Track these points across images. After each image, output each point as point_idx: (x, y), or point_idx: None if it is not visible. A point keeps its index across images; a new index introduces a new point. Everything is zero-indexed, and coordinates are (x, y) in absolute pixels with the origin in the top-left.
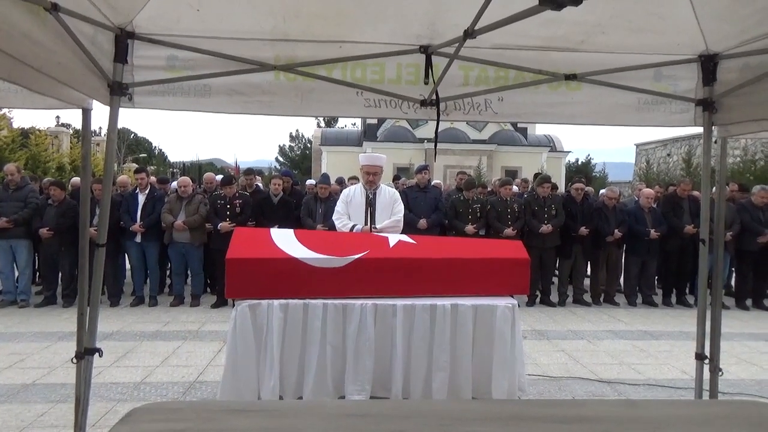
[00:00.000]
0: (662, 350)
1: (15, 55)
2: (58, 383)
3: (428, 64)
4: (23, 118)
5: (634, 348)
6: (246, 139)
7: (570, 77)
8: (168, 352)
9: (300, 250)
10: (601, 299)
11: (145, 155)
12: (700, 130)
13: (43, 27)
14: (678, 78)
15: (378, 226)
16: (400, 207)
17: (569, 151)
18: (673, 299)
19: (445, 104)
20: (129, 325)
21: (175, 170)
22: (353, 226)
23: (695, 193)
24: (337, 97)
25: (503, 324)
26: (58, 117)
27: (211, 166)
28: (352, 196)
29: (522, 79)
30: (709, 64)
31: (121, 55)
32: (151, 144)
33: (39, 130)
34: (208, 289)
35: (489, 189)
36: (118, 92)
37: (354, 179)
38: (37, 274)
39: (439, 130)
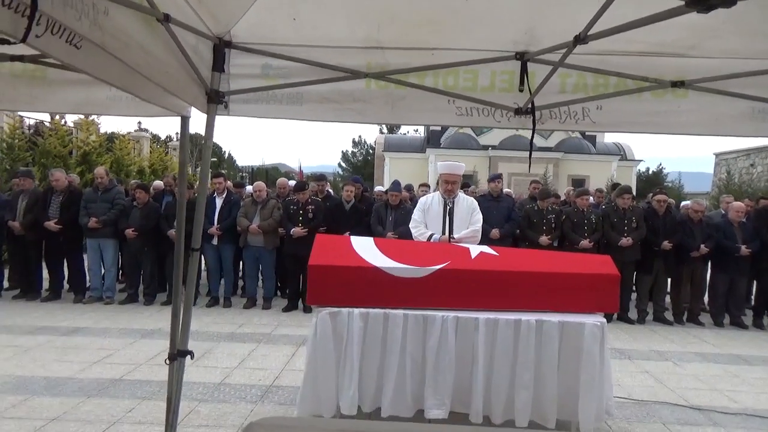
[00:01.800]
0: (757, 377)
1: (130, 64)
2: (143, 380)
3: (524, 71)
4: (108, 124)
5: (726, 373)
6: (309, 144)
7: (677, 84)
8: (244, 354)
9: (381, 259)
10: (684, 318)
11: (215, 159)
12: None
13: (155, 37)
14: None
15: (456, 236)
16: (479, 216)
17: (641, 160)
18: (766, 321)
19: (540, 113)
20: (206, 325)
21: (243, 174)
22: (431, 236)
23: None
24: (428, 105)
25: (592, 342)
26: (139, 122)
27: (276, 170)
28: (430, 204)
29: (624, 86)
30: None
31: (218, 63)
32: (221, 149)
33: (123, 135)
34: (278, 293)
35: (561, 198)
36: (215, 100)
37: (424, 186)
38: (120, 272)
39: (505, 137)
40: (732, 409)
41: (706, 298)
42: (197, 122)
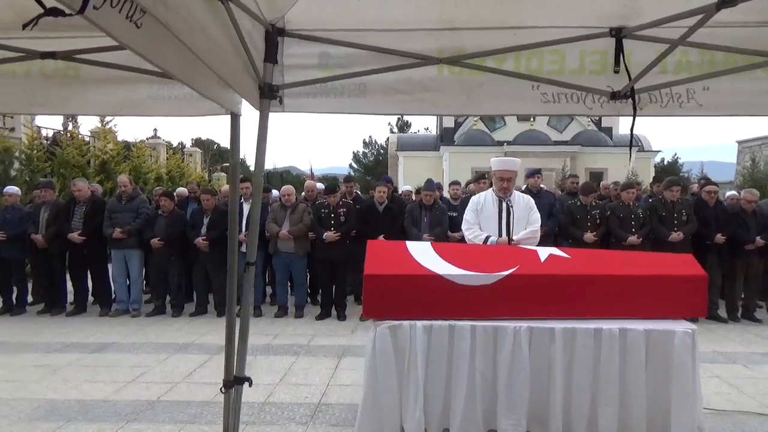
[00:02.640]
0: None
1: (192, 47)
2: (182, 401)
3: (619, 49)
4: (125, 131)
5: None
6: (319, 147)
7: None
8: (284, 369)
9: (442, 265)
10: (739, 314)
11: (227, 164)
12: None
13: (215, 19)
14: None
15: (515, 237)
16: (537, 215)
17: (659, 151)
18: None
19: (638, 97)
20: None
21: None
22: (487, 238)
23: None
24: (509, 92)
25: (683, 352)
26: (155, 129)
27: (288, 174)
28: (483, 204)
29: (733, 63)
30: None
31: (271, 53)
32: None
33: (139, 142)
34: (309, 299)
35: (598, 192)
36: (268, 95)
37: (455, 185)
38: (144, 283)
39: (519, 132)
40: None
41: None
42: (219, 124)
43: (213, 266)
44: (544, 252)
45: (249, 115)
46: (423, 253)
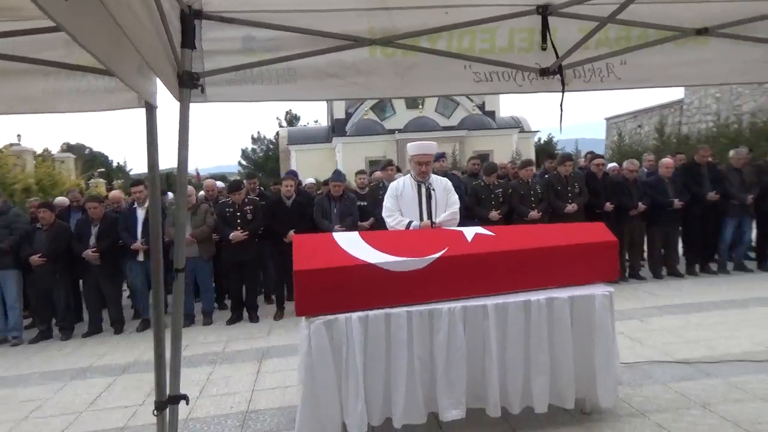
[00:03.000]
0: (715, 321)
1: (124, 26)
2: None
3: (545, 26)
4: None
5: (688, 323)
6: (203, 146)
7: (701, 32)
8: (202, 380)
9: (373, 254)
10: (626, 274)
11: (103, 170)
12: (671, 99)
13: None
14: None
15: (437, 220)
16: (456, 197)
17: (537, 131)
18: (697, 269)
19: (565, 73)
20: (145, 352)
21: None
22: (409, 223)
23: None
24: (442, 72)
25: (603, 314)
26: (19, 135)
27: (172, 176)
28: (402, 189)
29: (646, 38)
30: None
31: (188, 38)
32: (107, 158)
33: (1, 150)
34: (216, 305)
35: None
36: (188, 83)
37: (361, 173)
38: (23, 307)
39: (409, 120)
40: (714, 357)
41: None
42: (90, 126)
43: (106, 280)
44: (469, 232)
45: (137, 111)
46: (352, 243)
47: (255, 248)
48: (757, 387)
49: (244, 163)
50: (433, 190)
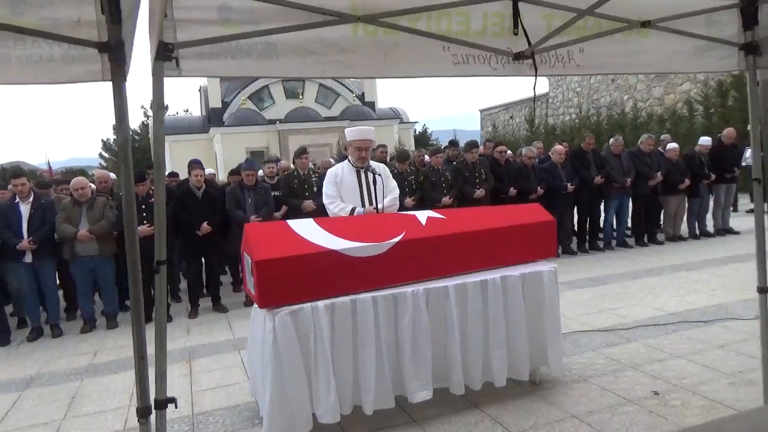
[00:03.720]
0: (617, 293)
1: None
2: None
3: (516, 12)
4: None
5: (595, 295)
6: (57, 136)
7: (645, 24)
8: (129, 387)
9: (334, 240)
10: None
11: None
12: (540, 92)
13: None
14: (723, 23)
15: (380, 205)
16: (394, 183)
17: (416, 122)
18: (587, 246)
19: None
20: (46, 365)
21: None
22: (353, 209)
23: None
24: (423, 53)
25: (550, 288)
26: None
27: (18, 169)
28: (342, 176)
29: (599, 28)
30: (749, 9)
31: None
32: None
33: None
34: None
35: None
36: (162, 56)
37: (271, 162)
38: None
39: (290, 110)
40: (627, 324)
41: None
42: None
43: None
44: (422, 215)
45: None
46: (309, 230)
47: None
48: (671, 346)
49: (106, 155)
50: (379, 175)
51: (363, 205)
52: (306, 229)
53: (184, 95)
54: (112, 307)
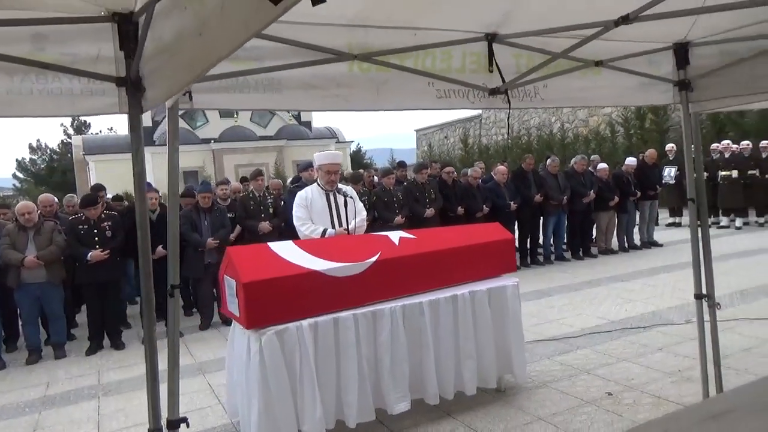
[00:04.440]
0: (564, 304)
1: None
2: None
3: (491, 52)
4: None
5: (544, 306)
6: None
7: (598, 63)
8: (92, 417)
9: (315, 261)
10: None
11: None
12: (472, 113)
13: None
14: (661, 63)
15: (350, 226)
16: (361, 204)
17: (351, 141)
18: (528, 260)
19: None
20: None
21: None
22: (324, 230)
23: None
24: (411, 88)
25: (514, 301)
26: None
27: None
28: (311, 199)
29: (561, 66)
30: (682, 51)
31: None
32: None
33: None
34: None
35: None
36: None
37: (223, 184)
38: None
39: (223, 130)
40: (574, 332)
41: None
42: None
43: None
44: (394, 236)
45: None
46: (291, 252)
47: (117, 268)
48: (617, 351)
49: (20, 175)
50: (350, 198)
51: (333, 227)
52: (287, 251)
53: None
54: (60, 336)
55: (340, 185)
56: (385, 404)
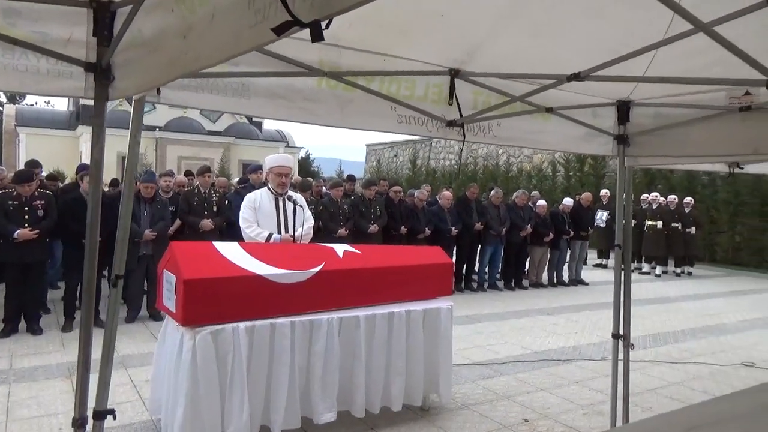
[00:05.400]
0: (492, 331)
1: None
2: None
3: (452, 86)
4: None
5: (472, 332)
6: None
7: (549, 110)
8: (1, 402)
9: (259, 265)
10: None
11: None
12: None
13: None
14: (604, 117)
15: (296, 233)
16: (309, 212)
17: (301, 147)
18: (462, 286)
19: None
20: None
21: None
22: (270, 235)
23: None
24: (374, 109)
25: (447, 323)
26: None
27: None
28: (260, 201)
29: (515, 108)
30: (624, 108)
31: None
32: None
33: None
34: None
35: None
36: None
37: (168, 176)
38: None
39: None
40: (499, 359)
41: None
42: None
43: None
44: (339, 248)
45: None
46: (235, 254)
47: (43, 249)
48: (537, 381)
49: None
50: (300, 206)
51: (279, 232)
52: (232, 252)
53: None
54: None
55: (290, 192)
56: (312, 413)
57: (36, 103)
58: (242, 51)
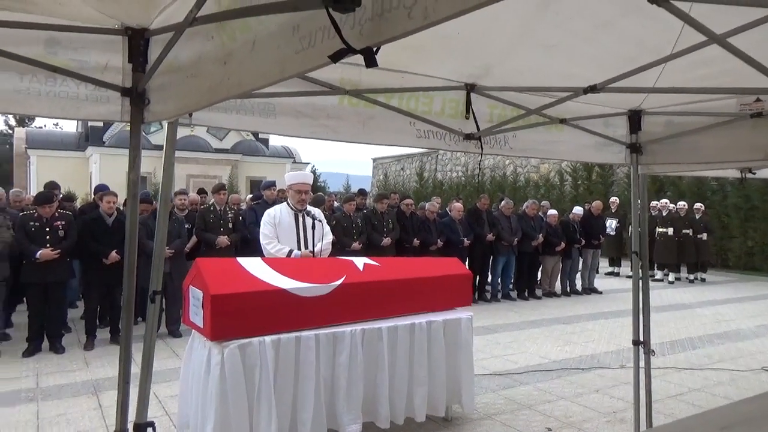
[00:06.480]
0: (510, 341)
1: None
2: None
3: (468, 101)
4: None
5: (489, 342)
6: None
7: (562, 121)
8: (31, 420)
9: (282, 279)
10: None
11: None
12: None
13: None
14: (616, 126)
15: (316, 249)
16: (328, 228)
17: (308, 163)
18: (476, 296)
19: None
20: None
21: None
22: (290, 251)
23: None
24: (393, 125)
25: (467, 333)
26: None
27: None
28: (280, 217)
29: (530, 120)
30: (635, 117)
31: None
32: None
33: None
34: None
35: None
36: None
37: (182, 194)
38: None
39: (181, 136)
40: (518, 369)
41: None
42: None
43: None
44: (359, 261)
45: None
46: (259, 269)
47: (64, 269)
48: (557, 390)
49: None
50: (320, 221)
51: (299, 248)
52: (255, 267)
53: None
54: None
55: (309, 207)
56: (337, 425)
57: (45, 126)
58: (288, 76)
